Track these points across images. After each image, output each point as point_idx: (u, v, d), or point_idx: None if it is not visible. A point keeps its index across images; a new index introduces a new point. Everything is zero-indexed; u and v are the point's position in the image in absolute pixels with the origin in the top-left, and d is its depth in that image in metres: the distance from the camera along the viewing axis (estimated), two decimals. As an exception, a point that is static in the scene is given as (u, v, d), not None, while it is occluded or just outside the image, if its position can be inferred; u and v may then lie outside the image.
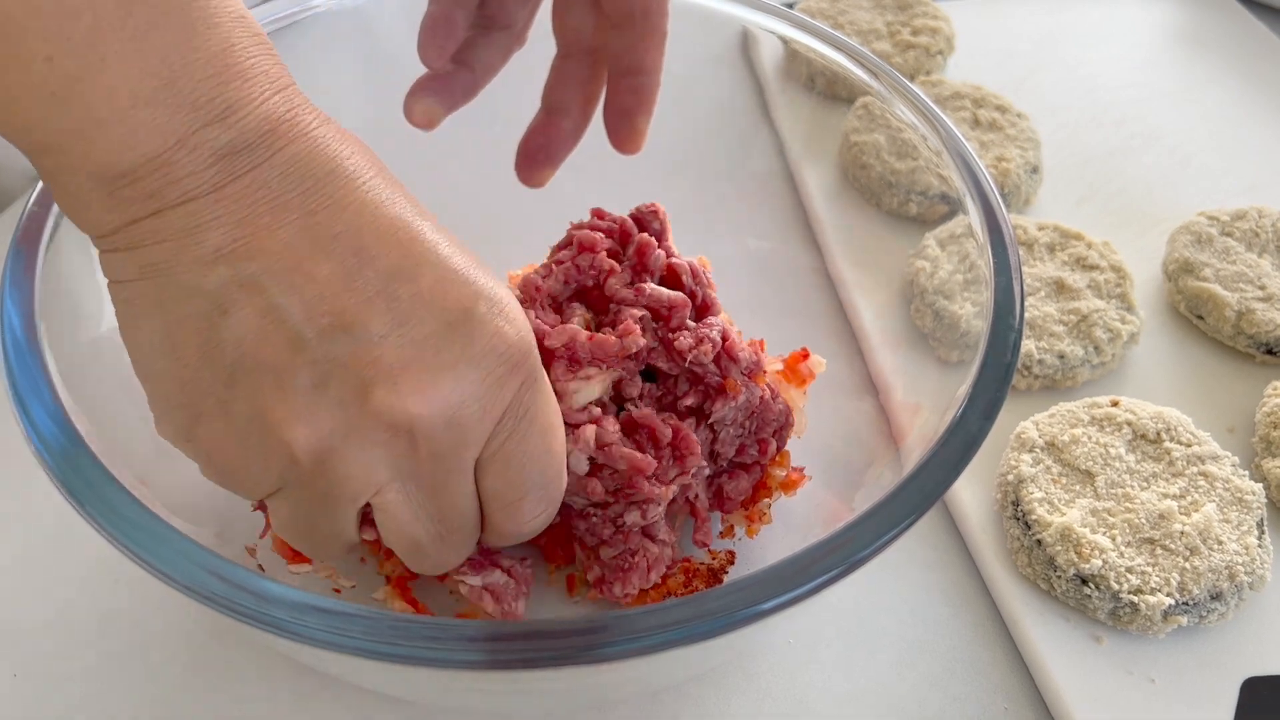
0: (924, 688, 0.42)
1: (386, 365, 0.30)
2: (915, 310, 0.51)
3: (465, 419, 0.31)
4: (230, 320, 0.30)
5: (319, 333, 0.30)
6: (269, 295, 0.30)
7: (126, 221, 0.29)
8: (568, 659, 0.28)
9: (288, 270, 0.30)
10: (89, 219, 0.30)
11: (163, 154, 0.28)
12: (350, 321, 0.30)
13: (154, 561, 0.29)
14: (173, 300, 0.30)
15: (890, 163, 0.60)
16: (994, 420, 0.35)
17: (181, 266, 0.30)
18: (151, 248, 0.30)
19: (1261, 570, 0.44)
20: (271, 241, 0.30)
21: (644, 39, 0.44)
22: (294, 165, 0.30)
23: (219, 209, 0.29)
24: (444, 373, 0.31)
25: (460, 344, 0.31)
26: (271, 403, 0.30)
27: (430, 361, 0.31)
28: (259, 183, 0.29)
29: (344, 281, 0.30)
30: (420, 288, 0.31)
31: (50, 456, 0.32)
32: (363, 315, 0.30)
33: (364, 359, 0.30)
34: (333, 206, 0.30)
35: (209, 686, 0.41)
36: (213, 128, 0.29)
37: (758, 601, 0.29)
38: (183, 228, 0.29)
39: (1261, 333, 0.54)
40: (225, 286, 0.30)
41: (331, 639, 0.28)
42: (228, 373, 0.30)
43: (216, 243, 0.29)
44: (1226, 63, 0.78)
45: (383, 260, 0.31)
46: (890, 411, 0.46)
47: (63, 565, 0.44)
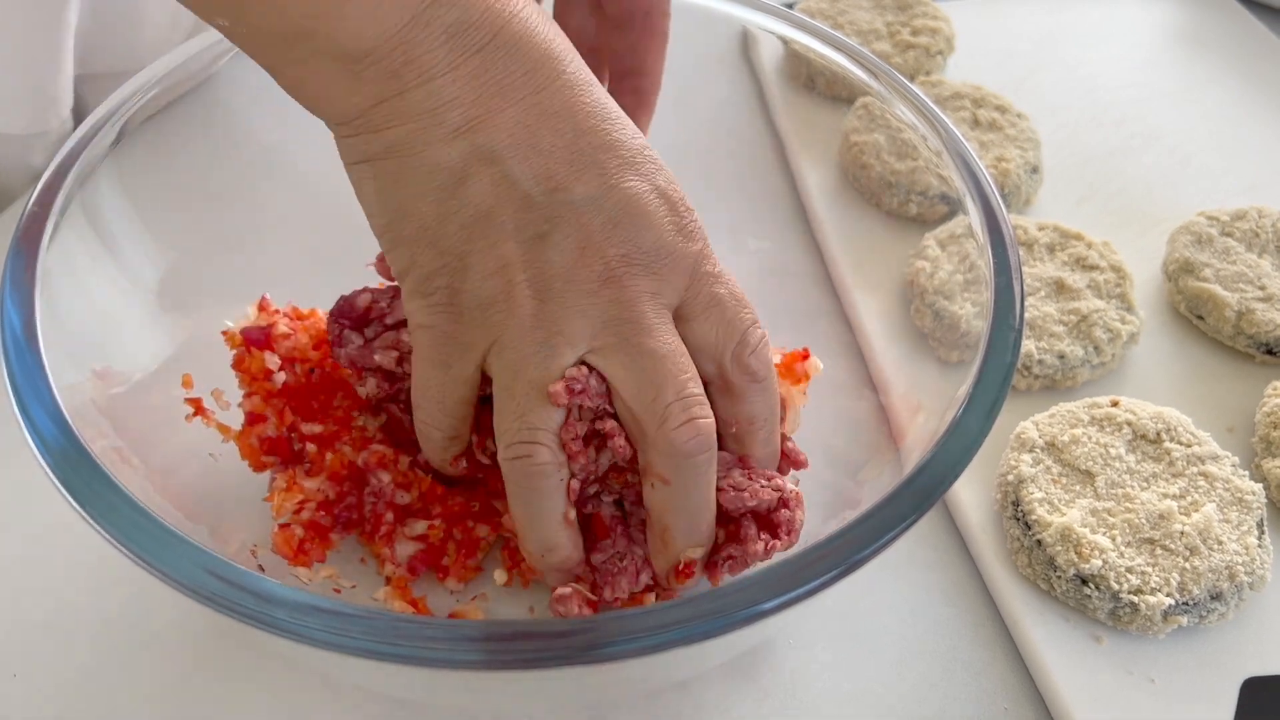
0: (924, 688, 0.42)
1: (599, 224, 0.35)
2: (915, 310, 0.51)
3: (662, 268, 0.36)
4: (469, 187, 0.34)
5: (545, 193, 0.34)
6: (504, 165, 0.34)
7: (372, 103, 0.33)
8: (567, 659, 0.28)
9: (519, 144, 0.34)
10: (336, 105, 0.33)
11: (400, 31, 0.31)
12: (571, 184, 0.34)
13: (154, 562, 0.29)
14: (417, 175, 0.34)
15: (890, 163, 0.60)
16: (994, 421, 0.35)
17: (424, 144, 0.33)
18: (397, 128, 0.33)
19: (1261, 570, 0.44)
20: (503, 119, 0.33)
21: (645, 40, 0.44)
22: (514, 47, 0.33)
23: (455, 89, 0.33)
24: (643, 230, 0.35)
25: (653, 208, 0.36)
26: (506, 251, 0.34)
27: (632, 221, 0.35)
28: (487, 63, 0.33)
29: (565, 153, 0.34)
30: (622, 159, 0.35)
31: (50, 457, 0.32)
32: (582, 180, 0.35)
33: (582, 218, 0.35)
34: (550, 87, 0.34)
35: (209, 686, 0.41)
36: (439, 6, 0.32)
37: (757, 602, 0.29)
38: (426, 108, 0.33)
39: (1261, 333, 0.54)
40: (465, 159, 0.34)
41: (331, 639, 0.28)
42: (466, 231, 0.34)
43: (456, 122, 0.33)
44: (1226, 63, 0.78)
45: (593, 136, 0.35)
46: (890, 411, 0.46)
47: (63, 565, 0.44)
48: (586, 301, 0.35)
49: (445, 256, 0.35)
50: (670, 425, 0.35)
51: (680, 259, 0.36)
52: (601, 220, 0.35)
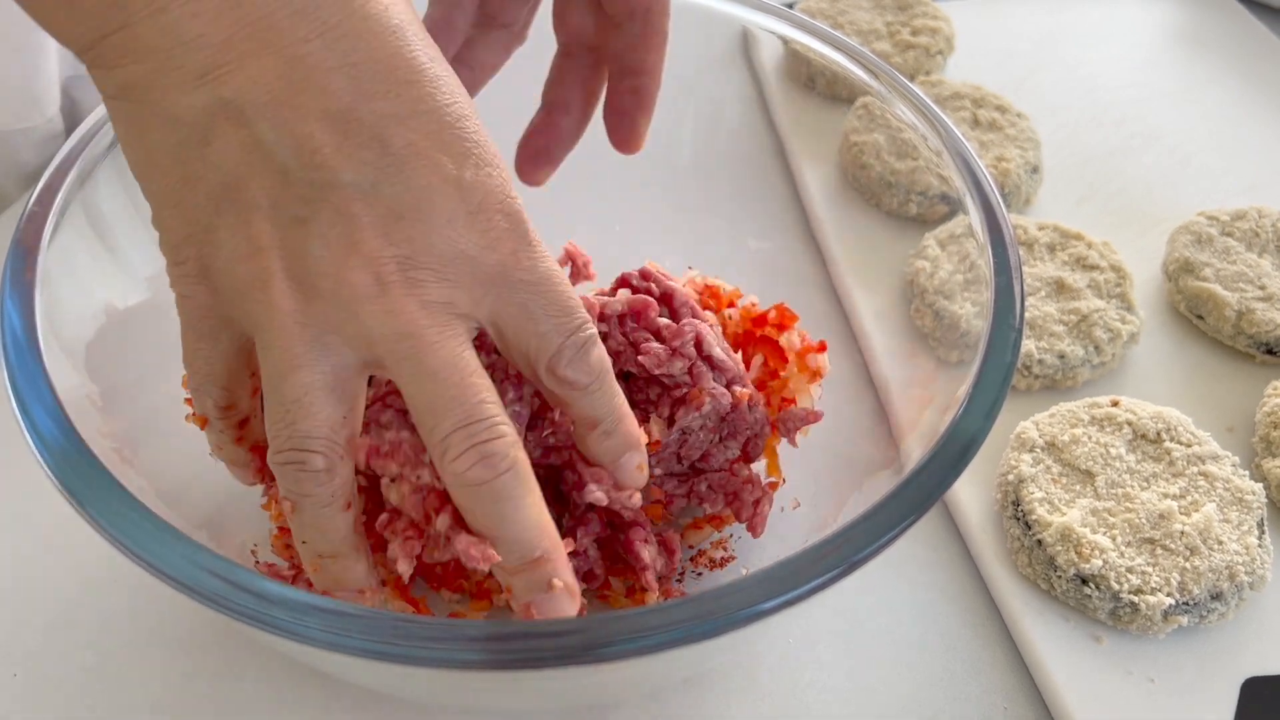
0: (924, 688, 0.42)
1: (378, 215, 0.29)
2: (915, 310, 0.51)
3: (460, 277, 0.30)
4: (214, 151, 0.28)
5: (308, 170, 0.28)
6: (254, 127, 0.28)
7: (96, 35, 0.27)
8: (568, 659, 0.28)
9: (276, 104, 0.28)
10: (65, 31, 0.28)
11: None
12: (338, 164, 0.29)
13: (154, 562, 0.29)
14: (156, 125, 0.28)
15: (890, 163, 0.60)
16: (994, 420, 0.35)
17: (160, 90, 0.28)
18: (129, 67, 0.28)
19: (1261, 570, 0.44)
20: (258, 69, 0.28)
21: (645, 39, 0.44)
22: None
23: (199, 25, 0.27)
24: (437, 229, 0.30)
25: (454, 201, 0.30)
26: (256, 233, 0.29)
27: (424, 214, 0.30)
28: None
29: (337, 122, 0.28)
30: (416, 136, 0.29)
31: (50, 457, 0.31)
32: (353, 160, 0.29)
33: (354, 204, 0.29)
34: (328, 34, 0.28)
35: (209, 686, 0.41)
36: None
37: (758, 601, 0.29)
38: (159, 45, 0.27)
39: (1261, 333, 0.54)
40: (209, 114, 0.28)
41: (332, 639, 0.28)
42: (214, 202, 0.29)
43: (198, 66, 0.27)
44: (1226, 63, 0.78)
45: (380, 101, 0.29)
46: (890, 411, 0.46)
47: (63, 565, 0.44)
48: (360, 307, 0.30)
49: (191, 226, 0.30)
50: (450, 457, 0.31)
51: (478, 268, 0.31)
52: (377, 214, 0.29)
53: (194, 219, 0.30)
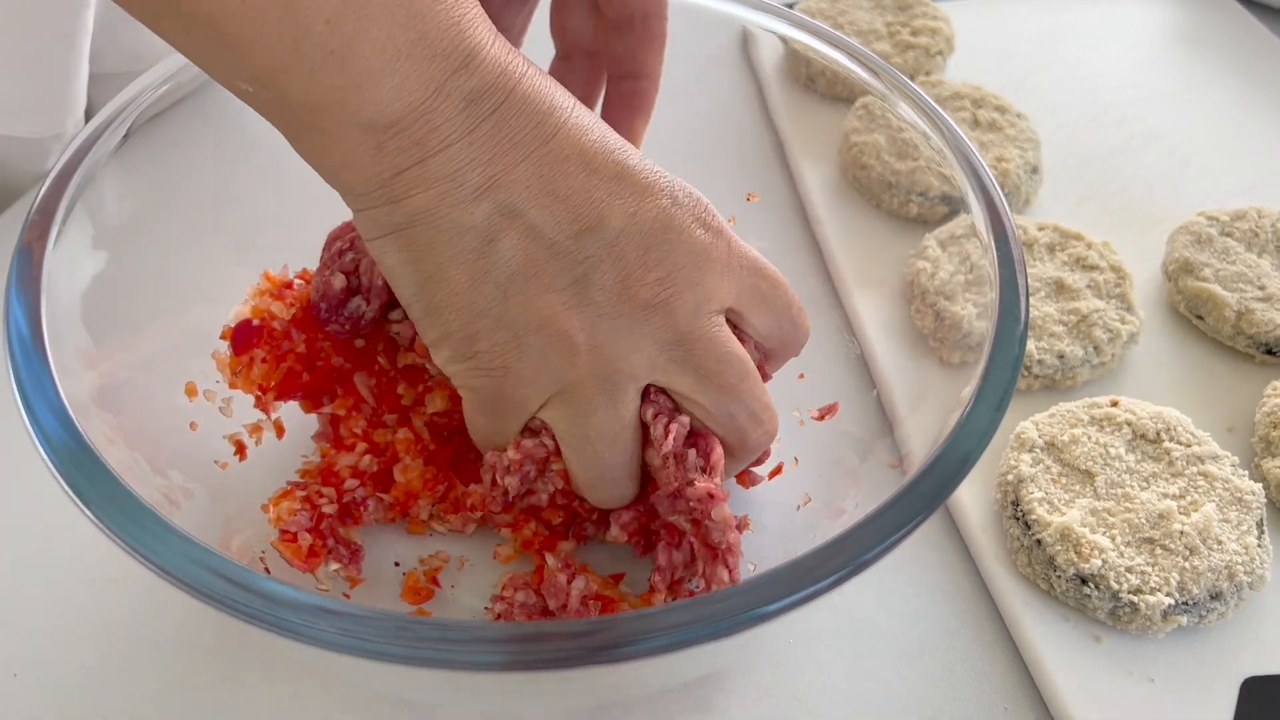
0: (924, 688, 0.43)
1: (632, 253, 0.36)
2: (916, 311, 0.51)
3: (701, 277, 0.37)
4: (497, 246, 0.34)
5: (573, 238, 0.35)
6: (527, 217, 0.34)
7: (394, 172, 0.33)
8: (586, 659, 0.28)
9: (538, 194, 0.34)
10: (358, 175, 0.33)
11: (424, 102, 0.32)
12: (595, 223, 0.35)
13: (161, 564, 0.29)
14: (444, 240, 0.34)
15: (890, 163, 0.60)
16: (1002, 416, 0.35)
17: (447, 208, 0.34)
18: (418, 196, 0.33)
19: (1261, 570, 0.44)
20: (519, 173, 0.34)
21: (644, 43, 0.44)
22: (524, 104, 0.34)
23: (473, 152, 0.33)
24: (674, 246, 0.36)
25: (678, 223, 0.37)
26: (546, 303, 0.35)
27: (660, 240, 0.36)
28: (500, 123, 0.33)
29: (582, 194, 0.35)
30: (636, 187, 0.36)
31: (55, 457, 0.31)
32: (603, 216, 0.35)
33: (613, 252, 0.35)
34: (559, 136, 0.35)
35: (209, 686, 0.41)
36: (460, 75, 0.32)
37: (771, 600, 0.29)
38: (446, 174, 0.33)
39: (1261, 333, 0.54)
40: (489, 218, 0.34)
41: (344, 642, 0.28)
42: (502, 289, 0.35)
43: (476, 182, 0.33)
44: (1226, 63, 0.78)
45: (604, 170, 0.35)
46: (892, 412, 0.46)
47: (63, 565, 0.44)
48: (639, 333, 0.36)
49: (483, 319, 0.36)
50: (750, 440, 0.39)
51: (715, 263, 0.37)
52: (633, 249, 0.36)
53: (485, 311, 0.35)
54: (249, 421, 0.43)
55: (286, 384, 0.43)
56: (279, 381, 0.42)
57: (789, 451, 0.45)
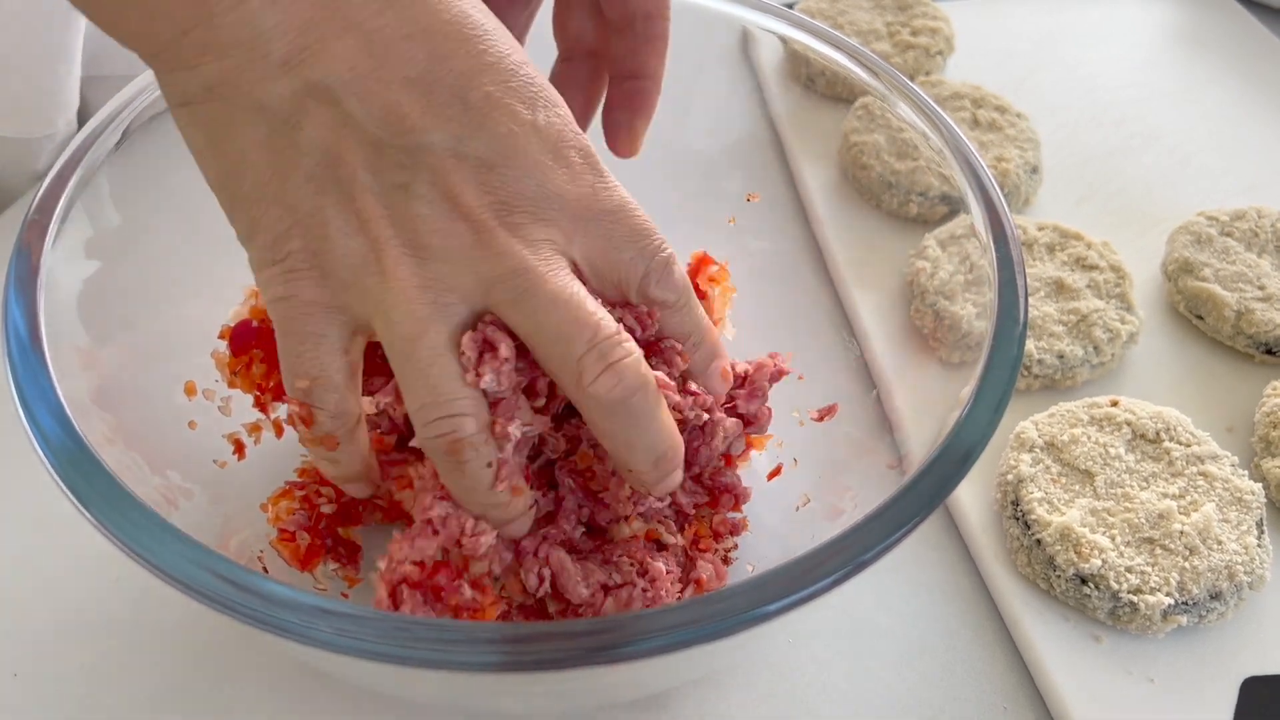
0: (924, 688, 0.43)
1: (470, 168, 0.31)
2: (915, 311, 0.51)
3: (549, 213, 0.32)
4: (305, 131, 0.29)
5: (398, 136, 0.30)
6: (344, 105, 0.29)
7: (177, 31, 0.28)
8: (583, 660, 0.28)
9: (360, 78, 0.29)
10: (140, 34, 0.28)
11: None
12: (428, 125, 0.30)
13: (159, 564, 0.29)
14: (244, 119, 0.29)
15: (890, 163, 0.60)
16: (1001, 417, 0.35)
17: (247, 83, 0.28)
18: (211, 64, 0.28)
19: (1261, 570, 0.44)
20: (340, 47, 0.29)
21: (645, 44, 0.44)
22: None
23: (278, 14, 0.28)
24: (525, 171, 0.31)
25: (535, 143, 0.32)
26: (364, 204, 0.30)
27: (510, 160, 0.31)
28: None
29: (419, 87, 0.30)
30: (490, 90, 0.31)
31: (54, 458, 0.31)
32: (440, 119, 0.30)
33: (447, 161, 0.30)
34: (398, 4, 0.29)
35: (209, 686, 0.41)
36: None
37: (771, 600, 0.29)
38: (241, 39, 0.28)
39: (1261, 333, 0.54)
40: (298, 98, 0.29)
41: (341, 642, 0.28)
42: (314, 182, 0.30)
43: (281, 53, 0.28)
44: (1226, 63, 0.78)
45: (454, 61, 0.30)
46: (892, 412, 0.46)
47: (63, 565, 0.44)
48: (472, 255, 0.31)
49: (295, 214, 0.31)
50: (588, 379, 0.32)
51: (567, 202, 0.32)
52: (470, 166, 0.31)
53: (296, 205, 0.30)
54: (248, 421, 0.43)
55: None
56: (278, 381, 0.42)
57: (789, 452, 0.45)
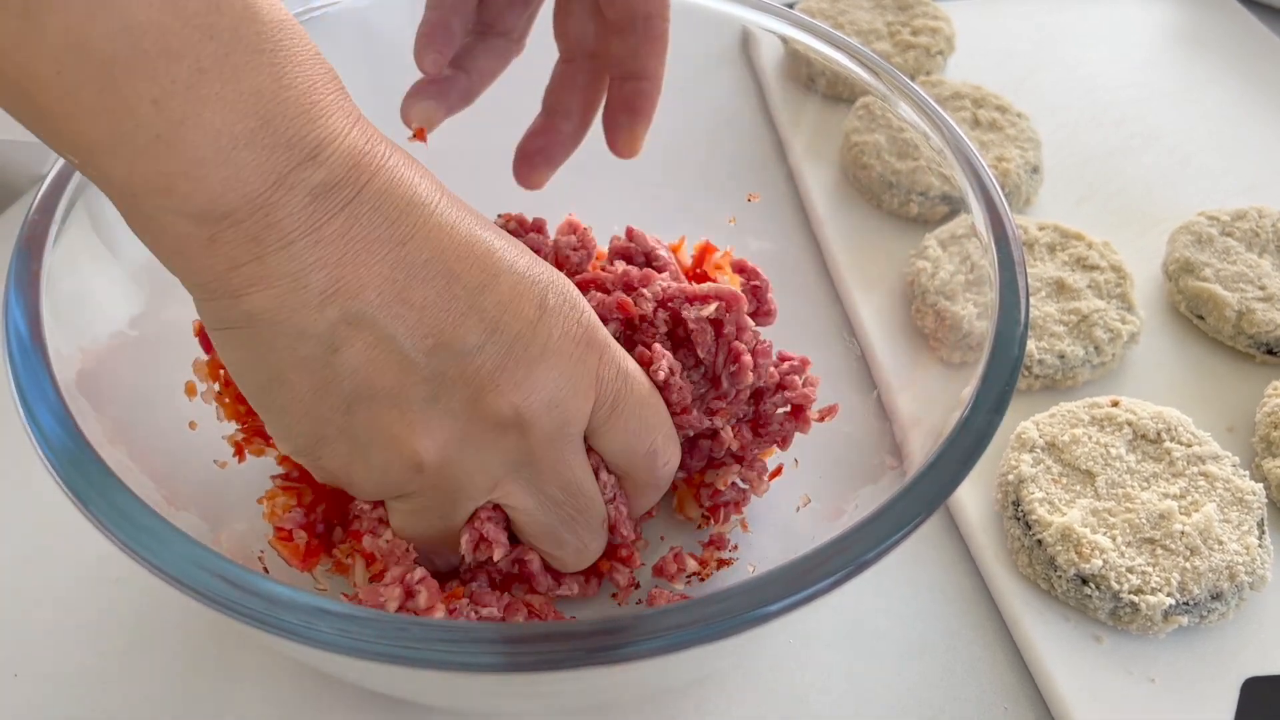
0: (924, 688, 0.43)
1: (488, 372, 0.33)
2: (916, 311, 0.51)
3: (564, 399, 0.35)
4: (342, 356, 0.32)
5: (426, 353, 0.33)
6: (377, 328, 0.32)
7: (228, 267, 0.30)
8: (583, 660, 0.28)
9: (389, 302, 0.32)
10: (190, 265, 0.31)
11: (263, 194, 0.29)
12: (451, 339, 0.33)
13: (160, 564, 0.29)
14: (285, 344, 0.32)
15: (891, 163, 0.60)
16: (1002, 417, 0.35)
17: (288, 311, 0.31)
18: (256, 295, 0.31)
19: (1262, 570, 0.44)
20: (370, 276, 0.31)
21: (645, 45, 0.44)
22: (379, 200, 0.31)
23: (319, 251, 0.31)
24: (536, 365, 0.34)
25: (543, 336, 0.34)
26: (391, 421, 0.33)
27: (522, 358, 0.34)
28: (351, 220, 0.31)
29: (439, 304, 0.33)
30: (501, 296, 0.34)
31: (55, 457, 0.31)
32: (460, 331, 0.33)
33: (468, 370, 0.33)
34: (418, 236, 0.32)
35: (209, 686, 0.41)
36: (306, 167, 0.30)
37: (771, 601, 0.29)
38: (286, 272, 0.30)
39: (1261, 333, 0.54)
40: (335, 326, 0.31)
41: (343, 643, 0.28)
42: (346, 402, 0.33)
43: (321, 285, 0.31)
44: (1226, 63, 0.78)
45: (467, 277, 0.33)
46: (893, 412, 0.46)
47: (63, 565, 0.44)
48: (487, 454, 0.35)
49: (326, 428, 0.34)
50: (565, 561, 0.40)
51: (579, 382, 0.35)
52: (490, 367, 0.33)
53: (328, 421, 0.33)
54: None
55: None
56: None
57: (789, 453, 0.45)
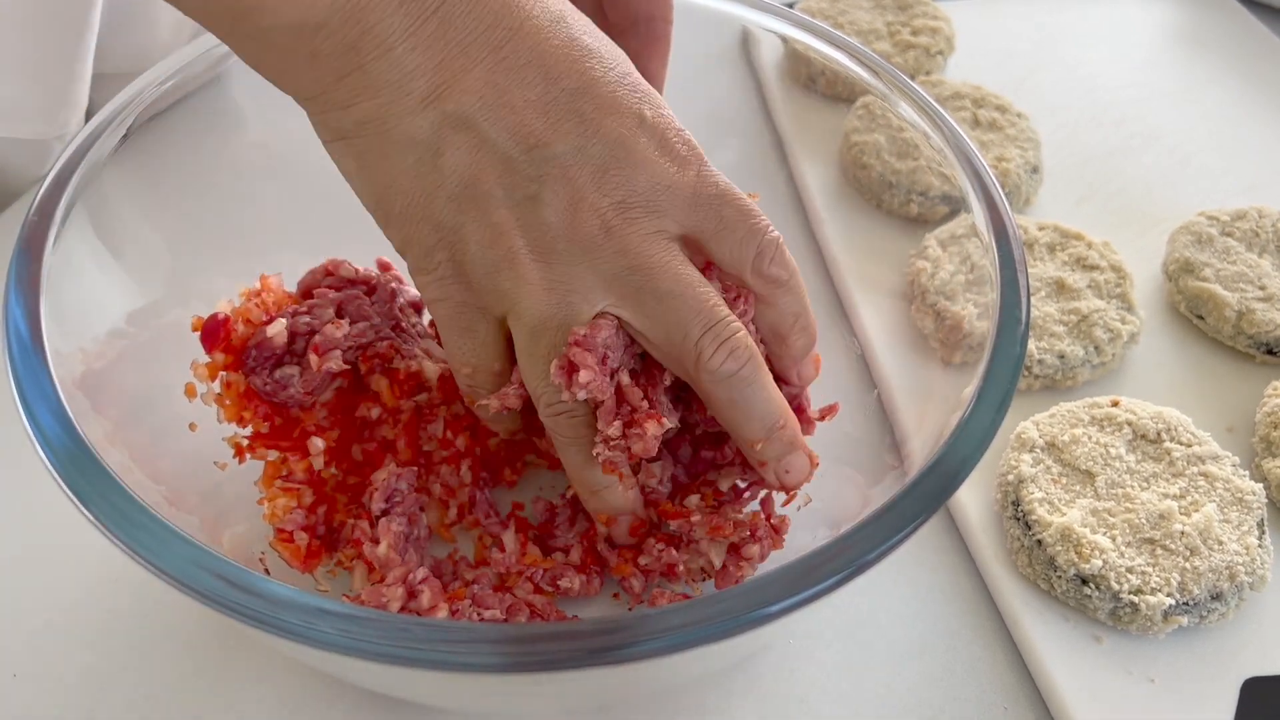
0: (924, 688, 0.43)
1: (590, 173, 0.34)
2: (916, 311, 0.51)
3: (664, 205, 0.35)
4: (447, 158, 0.33)
5: (527, 152, 0.33)
6: (479, 130, 0.33)
7: (334, 78, 0.31)
8: (582, 661, 0.28)
9: (490, 105, 0.33)
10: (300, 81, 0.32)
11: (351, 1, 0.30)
12: (551, 139, 0.34)
13: (160, 564, 0.29)
14: (393, 150, 0.33)
15: (891, 163, 0.60)
16: (1003, 418, 0.35)
17: (395, 117, 0.32)
18: (364, 104, 0.32)
19: (1262, 570, 0.44)
20: (470, 80, 0.32)
21: (648, 46, 0.44)
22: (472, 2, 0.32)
23: (417, 57, 0.31)
24: (638, 168, 0.35)
25: (644, 141, 0.35)
26: (498, 218, 0.34)
27: (624, 160, 0.35)
28: (444, 22, 0.31)
29: (539, 107, 0.33)
30: (600, 100, 0.34)
31: (55, 458, 0.31)
32: (559, 132, 0.34)
33: (570, 171, 0.34)
34: (514, 39, 0.33)
35: (209, 687, 0.41)
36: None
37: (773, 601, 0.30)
38: (389, 80, 0.31)
39: (1261, 333, 0.54)
40: (438, 129, 0.33)
41: (342, 642, 0.28)
42: (456, 202, 0.34)
43: (422, 90, 0.32)
44: (1226, 63, 0.78)
45: (566, 80, 0.34)
46: (893, 412, 0.46)
47: (63, 565, 0.44)
48: (592, 256, 0.35)
49: (440, 231, 0.35)
50: (705, 358, 0.36)
51: (677, 192, 0.36)
52: (590, 170, 0.34)
53: (441, 223, 0.35)
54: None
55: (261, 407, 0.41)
56: (265, 414, 0.41)
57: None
